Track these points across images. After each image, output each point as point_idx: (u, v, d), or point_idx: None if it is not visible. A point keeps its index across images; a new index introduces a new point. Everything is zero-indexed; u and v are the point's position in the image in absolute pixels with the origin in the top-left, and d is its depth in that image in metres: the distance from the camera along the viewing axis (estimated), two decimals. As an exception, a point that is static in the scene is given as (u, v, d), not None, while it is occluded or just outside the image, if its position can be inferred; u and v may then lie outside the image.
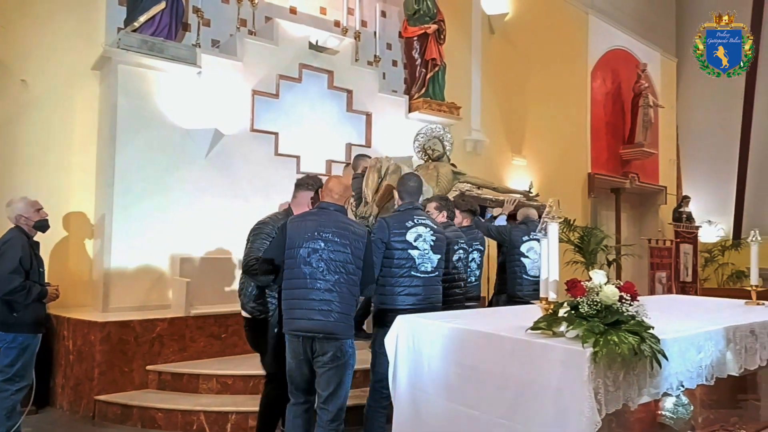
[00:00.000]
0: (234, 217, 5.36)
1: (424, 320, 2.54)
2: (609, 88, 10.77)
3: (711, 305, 3.35)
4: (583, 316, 1.98)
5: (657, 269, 8.87)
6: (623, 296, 1.98)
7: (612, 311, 1.97)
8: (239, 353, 4.82)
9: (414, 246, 3.07)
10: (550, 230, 2.21)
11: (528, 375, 2.04)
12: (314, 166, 5.96)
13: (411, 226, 3.11)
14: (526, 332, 2.14)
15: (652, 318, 2.05)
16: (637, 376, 1.98)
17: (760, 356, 2.58)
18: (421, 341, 2.51)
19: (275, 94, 5.70)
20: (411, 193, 3.25)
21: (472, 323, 2.42)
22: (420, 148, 5.63)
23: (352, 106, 6.27)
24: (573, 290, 2.03)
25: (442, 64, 7.03)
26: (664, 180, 12.12)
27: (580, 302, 2.00)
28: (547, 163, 9.21)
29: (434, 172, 5.26)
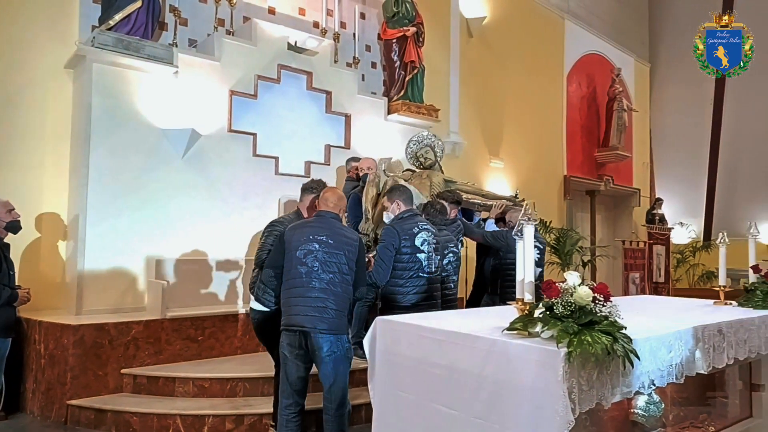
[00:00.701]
0: (211, 218, 5.33)
1: (401, 321, 2.55)
2: (584, 92, 10.95)
3: (681, 305, 3.43)
4: (558, 316, 2.02)
5: (631, 270, 9.05)
6: (597, 297, 2.01)
7: (586, 312, 2.00)
8: (216, 356, 4.79)
9: (421, 250, 3.43)
10: (525, 232, 2.24)
11: (504, 375, 2.07)
12: (293, 168, 5.94)
13: (417, 231, 3.47)
14: (503, 333, 2.17)
15: (625, 318, 2.10)
16: (610, 375, 2.02)
17: (727, 354, 2.65)
18: (400, 342, 2.53)
19: (253, 94, 5.66)
20: (407, 200, 3.59)
21: (450, 324, 2.44)
22: (412, 155, 5.72)
23: (331, 107, 6.26)
24: (548, 291, 2.07)
25: (421, 67, 7.07)
26: (637, 182, 12.36)
27: (555, 303, 2.04)
28: (524, 166, 9.32)
29: (427, 181, 5.37)
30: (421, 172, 5.51)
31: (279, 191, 5.75)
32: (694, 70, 12.59)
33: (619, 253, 9.50)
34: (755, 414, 3.26)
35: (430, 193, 5.30)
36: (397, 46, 6.99)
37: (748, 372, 3.31)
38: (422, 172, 5.51)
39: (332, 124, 6.28)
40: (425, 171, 5.52)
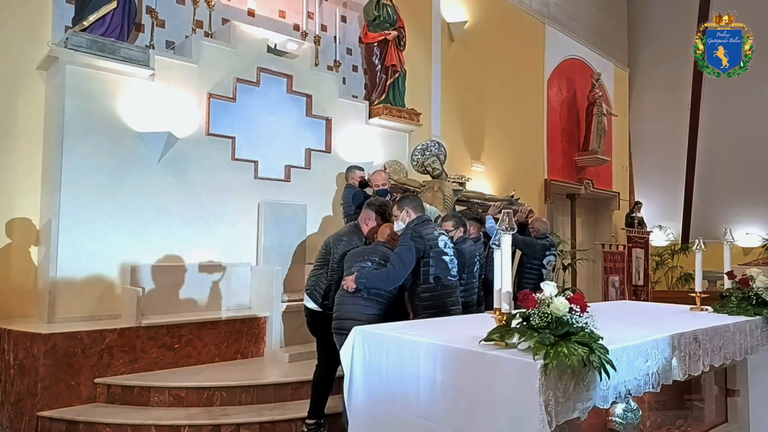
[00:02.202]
0: (188, 223, 5.25)
1: (379, 331, 2.52)
2: (565, 97, 11.03)
3: (658, 311, 3.46)
4: (535, 327, 2.00)
5: (610, 273, 9.15)
6: (573, 308, 2.01)
7: (562, 323, 1.99)
8: (193, 364, 4.71)
9: (445, 252, 3.58)
10: (503, 241, 2.22)
11: (481, 387, 2.05)
12: (273, 172, 5.88)
13: (438, 235, 3.61)
14: (480, 343, 2.15)
15: (603, 327, 2.10)
16: (586, 386, 2.02)
17: (702, 362, 2.67)
18: (378, 352, 2.50)
19: (232, 97, 5.59)
20: (417, 208, 3.71)
21: (428, 334, 2.42)
22: (419, 165, 5.86)
23: (311, 110, 6.21)
24: (525, 302, 2.05)
25: (402, 71, 7.04)
26: (617, 186, 12.49)
27: (532, 314, 2.02)
28: (505, 169, 9.36)
29: (439, 193, 5.52)
30: (431, 184, 5.61)
31: (258, 195, 5.69)
32: (671, 76, 12.97)
33: (599, 257, 9.59)
34: (731, 419, 3.30)
35: (444, 206, 5.47)
36: (378, 50, 6.96)
37: (723, 377, 3.35)
38: (433, 184, 5.62)
39: (313, 127, 6.24)
40: (435, 182, 5.63)
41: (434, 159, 5.81)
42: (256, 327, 5.11)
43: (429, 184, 5.69)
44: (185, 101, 5.29)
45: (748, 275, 3.30)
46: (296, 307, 5.24)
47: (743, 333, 2.99)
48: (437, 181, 5.70)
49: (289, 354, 4.92)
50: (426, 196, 5.57)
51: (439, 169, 5.76)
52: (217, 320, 4.89)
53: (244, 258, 5.54)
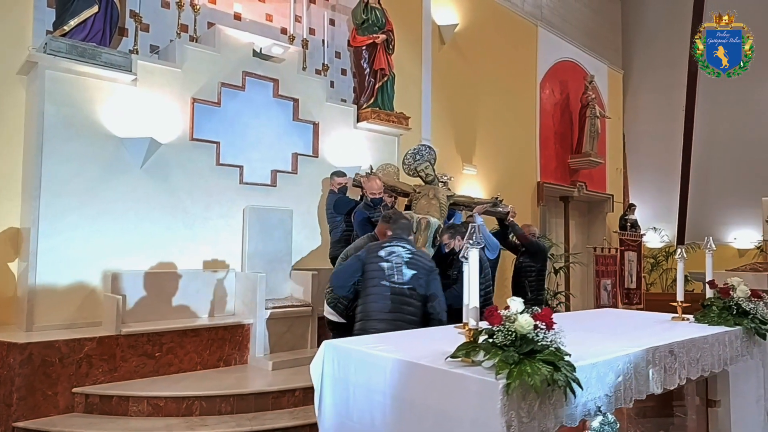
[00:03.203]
0: (172, 229, 5.20)
1: (347, 345, 2.47)
2: (557, 99, 10.99)
3: (638, 321, 3.41)
4: (500, 345, 1.95)
5: (602, 277, 9.11)
6: (538, 325, 1.96)
7: (527, 340, 1.95)
8: (174, 372, 4.65)
9: (385, 259, 3.54)
10: (471, 256, 2.17)
11: (445, 406, 2.00)
12: (258, 177, 5.83)
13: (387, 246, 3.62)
14: (446, 360, 2.10)
15: (576, 340, 2.06)
16: (553, 405, 1.97)
17: (679, 375, 2.62)
18: (347, 368, 2.45)
19: (217, 102, 5.54)
20: (403, 228, 3.73)
21: (397, 349, 2.37)
22: (411, 170, 5.82)
23: (298, 115, 6.16)
24: (490, 318, 2.00)
25: (391, 74, 7.00)
26: (611, 188, 12.45)
27: (496, 331, 1.97)
28: (498, 172, 9.31)
29: (435, 201, 5.49)
30: (426, 190, 5.58)
31: (243, 201, 5.64)
32: (666, 77, 12.92)
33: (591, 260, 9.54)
34: (711, 430, 3.25)
35: (441, 214, 5.47)
36: (366, 53, 6.91)
37: (704, 388, 3.29)
38: (427, 190, 5.58)
39: (300, 132, 6.19)
40: (429, 188, 5.60)
41: (426, 164, 5.74)
42: (239, 334, 5.06)
43: (424, 191, 5.62)
44: (168, 106, 5.24)
45: (729, 284, 3.25)
46: (281, 314, 5.22)
47: (722, 344, 2.94)
48: (431, 187, 5.64)
49: (272, 362, 4.87)
50: (421, 203, 5.53)
51: (432, 175, 5.70)
52: (199, 328, 4.83)
53: (229, 264, 5.49)
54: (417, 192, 5.60)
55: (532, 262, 5.75)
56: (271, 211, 5.76)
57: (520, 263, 5.88)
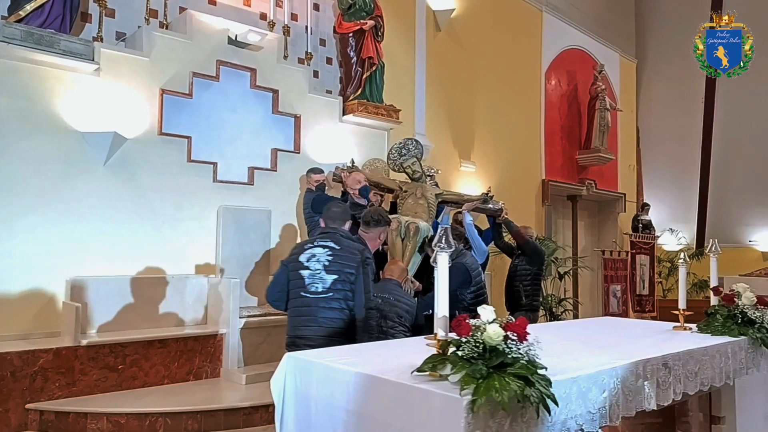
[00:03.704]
0: (139, 231, 5.18)
1: (309, 358, 2.45)
2: (564, 90, 10.95)
3: (636, 331, 3.39)
4: (468, 358, 1.93)
5: (611, 282, 9.08)
6: (509, 336, 1.93)
7: (498, 353, 1.92)
8: (139, 386, 4.63)
9: (305, 266, 3.39)
10: (439, 260, 2.15)
11: (409, 424, 1.97)
12: (234, 174, 5.81)
13: (308, 247, 3.46)
14: (412, 374, 2.07)
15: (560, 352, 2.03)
16: (526, 423, 1.94)
17: (674, 390, 2.59)
18: (309, 383, 2.42)
19: (188, 93, 5.52)
20: (334, 218, 3.58)
21: (364, 362, 2.34)
22: (397, 166, 5.79)
23: (278, 107, 6.14)
24: (458, 329, 1.98)
25: (380, 63, 6.96)
26: (623, 187, 12.39)
27: (464, 343, 1.95)
28: (498, 169, 9.27)
29: (423, 201, 5.46)
30: (413, 189, 5.55)
31: (217, 200, 5.63)
32: (684, 67, 12.84)
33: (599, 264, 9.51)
34: (716, 449, 3.22)
35: (429, 215, 5.42)
36: (353, 41, 6.88)
37: (708, 403, 3.27)
38: (414, 189, 5.55)
39: (280, 125, 6.17)
40: (417, 186, 5.57)
41: (413, 160, 5.73)
42: (211, 345, 5.03)
43: (411, 189, 5.59)
44: (135, 98, 5.22)
45: (734, 291, 3.22)
46: (256, 323, 5.20)
47: (724, 356, 2.91)
48: (419, 185, 5.62)
49: (246, 375, 4.85)
50: (408, 203, 5.49)
51: (419, 172, 5.69)
52: (167, 338, 4.81)
53: (201, 269, 5.47)
54: (403, 190, 5.57)
55: (528, 265, 5.71)
56: (248, 211, 5.73)
57: (514, 266, 5.85)
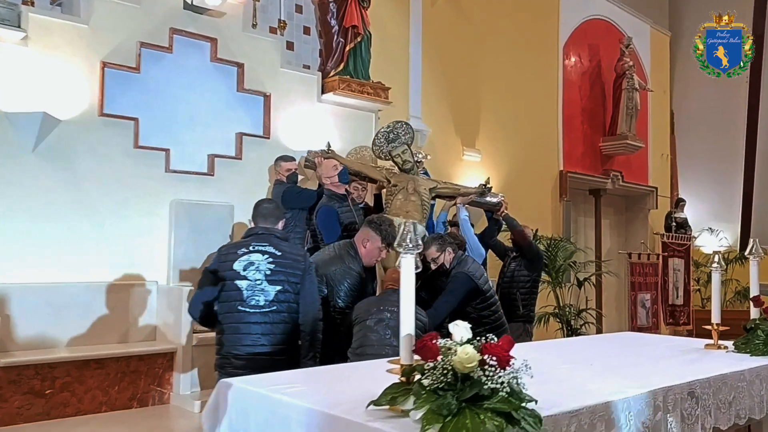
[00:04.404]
0: (76, 230, 5.02)
1: (246, 387, 2.26)
2: (586, 68, 10.83)
3: (660, 350, 3.23)
4: (434, 388, 1.73)
5: (639, 290, 8.91)
6: (486, 360, 1.72)
7: (472, 382, 1.71)
8: (71, 414, 4.48)
9: (242, 276, 3.35)
10: (404, 264, 1.95)
11: (360, 472, 1.77)
12: (191, 163, 5.67)
13: (243, 252, 3.42)
14: (367, 409, 1.88)
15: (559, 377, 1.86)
16: (509, 470, 1.73)
17: (702, 424, 2.39)
18: (247, 417, 2.24)
19: (135, 67, 5.37)
20: (266, 216, 3.59)
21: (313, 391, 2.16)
22: (385, 155, 5.68)
23: (244, 84, 6.00)
24: (423, 352, 1.78)
25: (366, 34, 6.80)
26: (655, 179, 12.27)
27: (430, 369, 1.75)
28: (508, 159, 9.15)
29: (416, 198, 5.36)
30: (404, 182, 5.42)
31: (170, 194, 5.48)
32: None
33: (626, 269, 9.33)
34: (757, 495, 3.03)
35: (423, 214, 5.32)
36: (334, 7, 6.72)
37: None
38: (405, 182, 5.42)
39: (246, 105, 6.03)
40: (408, 179, 5.43)
41: (404, 148, 5.57)
42: (159, 365, 4.89)
43: (401, 183, 5.42)
44: (70, 72, 5.07)
45: (779, 301, 3.04)
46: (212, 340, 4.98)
47: (765, 381, 2.73)
48: (410, 178, 5.46)
49: (200, 402, 4.67)
50: (397, 200, 5.35)
51: (410, 162, 5.53)
52: (106, 357, 4.66)
53: (150, 275, 5.32)
54: (391, 184, 5.39)
55: (528, 270, 5.64)
56: (207, 206, 5.60)
57: (511, 271, 5.76)
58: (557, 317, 8.16)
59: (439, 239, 4.62)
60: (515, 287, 5.62)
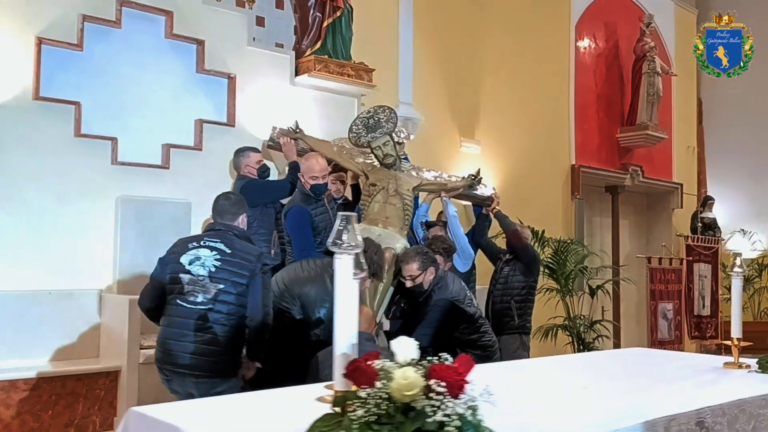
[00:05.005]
0: (6, 230, 4.89)
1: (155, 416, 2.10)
2: (601, 49, 10.84)
3: (672, 369, 3.13)
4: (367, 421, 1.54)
5: (660, 299, 8.82)
6: (432, 386, 1.54)
7: (416, 414, 1.53)
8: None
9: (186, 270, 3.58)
10: (337, 265, 1.77)
11: None
12: (142, 154, 5.52)
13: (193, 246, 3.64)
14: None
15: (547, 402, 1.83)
16: None
17: (715, 462, 2.21)
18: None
19: (77, 44, 5.24)
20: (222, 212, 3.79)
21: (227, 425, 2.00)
22: (365, 145, 5.54)
23: (204, 64, 5.88)
24: (355, 375, 1.59)
25: (347, 8, 6.68)
26: (680, 175, 12.25)
27: (363, 398, 1.56)
28: (513, 151, 9.09)
29: (397, 200, 5.22)
30: (385, 181, 5.28)
31: (117, 189, 5.33)
32: (758, 19, 12.63)
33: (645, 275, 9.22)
34: None
35: (404, 220, 5.18)
36: (310, -23, 6.60)
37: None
38: (386, 181, 5.28)
39: (207, 89, 5.91)
40: (389, 177, 5.29)
41: (386, 140, 5.41)
42: (101, 387, 4.75)
43: (381, 182, 5.25)
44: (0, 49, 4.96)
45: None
46: (161, 356, 4.88)
47: (793, 408, 2.55)
48: (392, 175, 5.30)
49: (147, 427, 4.52)
50: (376, 202, 5.18)
51: (392, 156, 5.37)
52: (38, 378, 4.52)
53: (92, 282, 5.19)
54: (369, 182, 5.23)
55: (523, 276, 5.61)
56: (159, 204, 5.48)
57: (504, 276, 5.71)
58: (567, 330, 8.04)
59: (423, 255, 4.53)
60: (509, 294, 5.57)
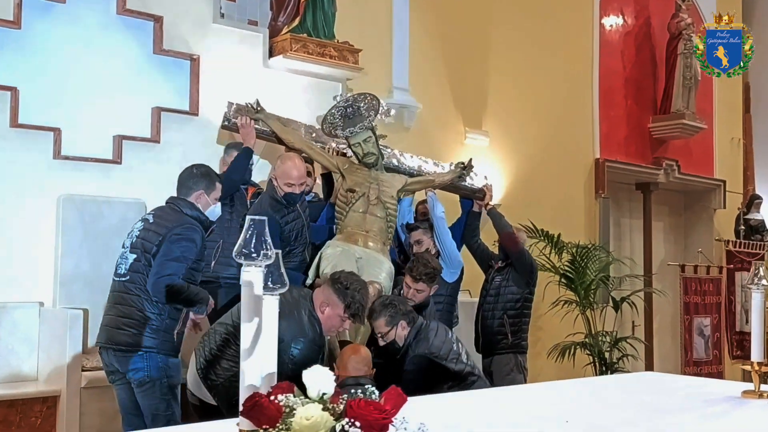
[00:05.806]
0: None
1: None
2: (630, 27, 10.86)
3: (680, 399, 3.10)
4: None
5: (695, 313, 8.73)
6: (345, 427, 1.45)
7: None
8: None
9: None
10: (245, 276, 1.70)
11: None
12: (89, 147, 5.51)
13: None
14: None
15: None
16: None
17: None
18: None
19: (13, 21, 5.23)
20: (179, 185, 4.18)
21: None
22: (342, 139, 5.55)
23: (162, 44, 5.87)
24: (252, 414, 1.50)
25: (330, -21, 6.67)
26: (722, 171, 12.25)
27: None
28: (526, 143, 9.12)
29: (380, 209, 5.20)
30: (365, 184, 5.24)
31: (60, 187, 5.32)
32: None
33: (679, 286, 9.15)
34: None
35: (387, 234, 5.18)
36: (287, -57, 6.60)
37: None
38: (366, 184, 5.24)
39: (166, 72, 5.91)
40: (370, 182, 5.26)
41: (368, 136, 5.35)
42: (38, 414, 4.76)
43: (360, 189, 5.18)
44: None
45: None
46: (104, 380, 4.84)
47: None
48: (373, 178, 5.27)
49: (90, 460, 4.53)
50: (354, 211, 5.12)
51: (374, 154, 5.35)
52: None
53: (30, 294, 5.20)
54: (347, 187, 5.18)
55: (517, 286, 5.60)
56: (108, 203, 5.47)
57: (495, 287, 5.72)
58: (587, 348, 7.99)
59: (390, 308, 4.37)
60: (501, 308, 5.56)
